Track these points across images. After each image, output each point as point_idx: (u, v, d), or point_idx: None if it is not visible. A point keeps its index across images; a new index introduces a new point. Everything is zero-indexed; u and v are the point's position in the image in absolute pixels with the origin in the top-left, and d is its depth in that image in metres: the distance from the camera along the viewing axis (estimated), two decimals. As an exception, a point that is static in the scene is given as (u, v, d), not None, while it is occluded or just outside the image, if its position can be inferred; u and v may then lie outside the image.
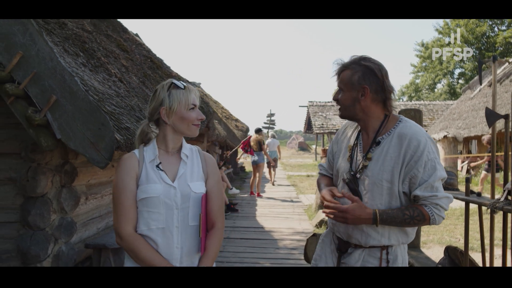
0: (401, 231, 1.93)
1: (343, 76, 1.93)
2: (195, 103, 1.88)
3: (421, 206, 1.84)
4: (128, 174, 1.80)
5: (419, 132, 1.88)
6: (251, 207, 9.23)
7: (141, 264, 1.77)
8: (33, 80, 2.83)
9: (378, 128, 1.95)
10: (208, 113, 6.96)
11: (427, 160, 1.82)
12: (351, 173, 1.96)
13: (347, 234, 1.96)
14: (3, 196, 3.65)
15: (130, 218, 1.77)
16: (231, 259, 5.22)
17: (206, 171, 1.94)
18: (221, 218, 1.95)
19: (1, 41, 2.82)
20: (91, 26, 5.09)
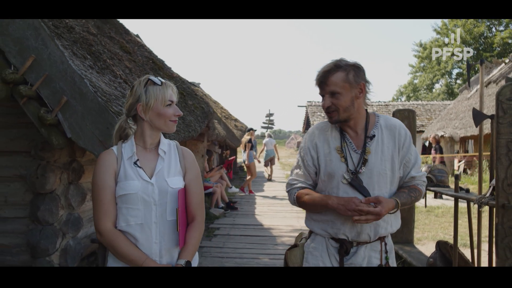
0: (396, 217, 2.06)
1: (337, 79, 1.93)
2: (172, 99, 1.87)
3: (416, 186, 2.06)
4: (106, 172, 1.82)
5: (401, 123, 2.10)
6: (250, 205, 9.40)
7: (121, 259, 1.79)
8: (45, 82, 3.00)
9: (365, 123, 2.04)
10: (208, 113, 7.12)
11: (413, 146, 2.08)
12: (351, 172, 1.97)
13: (355, 232, 1.97)
14: (13, 193, 3.82)
15: (109, 215, 1.79)
16: (231, 254, 5.39)
17: (184, 166, 1.94)
18: (201, 211, 1.95)
19: (14, 45, 2.99)
20: (95, 29, 5.25)
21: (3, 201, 3.82)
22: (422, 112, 24.53)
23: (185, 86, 7.17)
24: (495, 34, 35.25)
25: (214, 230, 6.75)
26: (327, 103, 1.97)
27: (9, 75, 2.95)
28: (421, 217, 8.20)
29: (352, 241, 1.98)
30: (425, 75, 40.61)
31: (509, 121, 2.84)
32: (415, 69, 42.50)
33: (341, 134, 2.05)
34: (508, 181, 2.85)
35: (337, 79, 1.93)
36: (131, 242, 1.79)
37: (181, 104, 6.15)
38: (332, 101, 1.96)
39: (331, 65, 1.96)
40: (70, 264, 3.87)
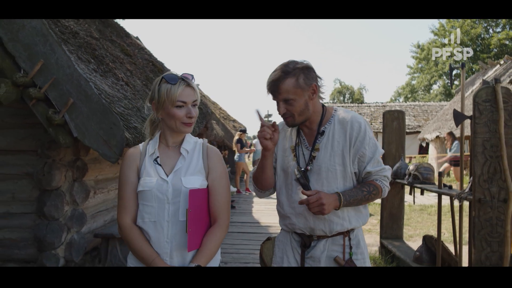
0: (357, 212, 2.04)
1: (288, 85, 1.91)
2: (183, 100, 1.79)
3: (372, 181, 2.00)
4: (129, 167, 1.84)
5: (357, 115, 2.05)
6: (248, 204, 9.63)
7: (134, 254, 1.81)
8: (53, 85, 3.21)
9: (319, 120, 2.04)
10: (206, 114, 7.34)
11: (369, 139, 2.00)
12: (300, 170, 2.01)
13: (309, 228, 2.01)
14: (21, 190, 4.02)
15: (128, 210, 1.81)
16: (229, 250, 5.60)
17: (207, 165, 1.88)
18: (225, 214, 1.87)
19: (24, 51, 3.20)
20: (98, 33, 5.46)
21: (11, 197, 4.03)
22: (419, 113, 24.75)
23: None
24: (492, 35, 35.53)
25: (212, 228, 6.96)
26: (282, 110, 1.97)
27: (20, 78, 3.15)
28: (414, 215, 8.43)
29: (310, 235, 2.02)
30: (423, 76, 40.91)
31: (485, 121, 3.06)
32: (413, 70, 42.81)
33: (298, 132, 2.10)
34: (484, 177, 3.06)
35: (288, 86, 1.91)
36: (145, 239, 1.78)
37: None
38: (286, 108, 1.96)
39: (279, 72, 1.93)
40: (74, 257, 4.07)
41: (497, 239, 3.04)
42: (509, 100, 3.05)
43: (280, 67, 1.95)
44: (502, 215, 3.03)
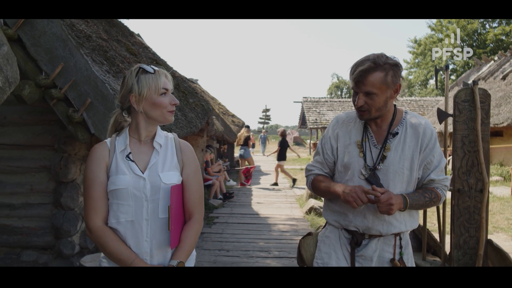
0: (411, 217, 2.01)
1: (375, 79, 1.84)
2: (166, 87, 1.76)
3: (434, 188, 1.98)
4: (98, 165, 1.72)
5: (429, 122, 2.02)
6: (247, 196, 9.96)
7: (109, 257, 1.71)
8: (72, 86, 3.52)
9: (391, 119, 1.99)
10: (207, 110, 7.64)
11: (437, 148, 1.98)
12: (369, 168, 1.96)
13: (365, 226, 1.97)
14: (38, 182, 4.34)
15: (99, 211, 1.70)
16: (230, 239, 5.93)
17: (181, 160, 1.83)
18: (200, 209, 1.84)
19: (46, 55, 3.50)
20: (105, 33, 5.75)
21: (29, 189, 4.34)
22: (415, 108, 25.12)
23: (186, 85, 7.68)
24: (488, 30, 35.78)
25: (213, 219, 7.29)
26: (361, 102, 1.90)
27: (42, 80, 3.46)
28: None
29: (363, 233, 1.98)
30: (420, 71, 41.19)
31: (464, 119, 3.39)
32: (409, 65, 43.08)
33: (364, 127, 2.02)
34: (462, 170, 3.40)
35: (375, 80, 1.85)
36: (120, 240, 1.70)
37: (183, 102, 6.67)
38: (366, 101, 1.89)
39: (370, 63, 1.85)
40: (89, 244, 4.40)
41: (474, 225, 3.38)
42: (485, 100, 3.38)
43: (371, 58, 1.87)
44: (478, 204, 3.36)
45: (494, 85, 15.90)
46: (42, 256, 4.32)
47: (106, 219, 1.72)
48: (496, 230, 6.76)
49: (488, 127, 3.39)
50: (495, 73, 16.84)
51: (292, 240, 5.94)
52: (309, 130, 28.44)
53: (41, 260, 4.31)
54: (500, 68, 16.90)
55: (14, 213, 4.33)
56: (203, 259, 4.98)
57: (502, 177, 12.83)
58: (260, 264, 4.83)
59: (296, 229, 6.59)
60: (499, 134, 14.59)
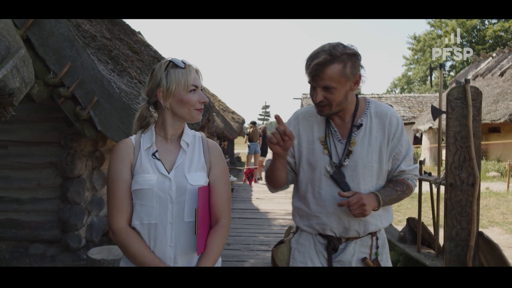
0: (386, 211, 1.90)
1: (333, 72, 1.70)
2: (196, 84, 1.66)
3: (404, 179, 1.88)
4: (122, 162, 1.64)
5: (393, 110, 1.90)
6: (248, 192, 10.12)
7: (131, 260, 1.61)
8: (79, 85, 3.65)
9: (354, 110, 1.86)
10: (208, 108, 7.78)
11: (404, 136, 1.87)
12: (334, 165, 1.82)
13: (342, 228, 1.83)
14: (45, 177, 4.48)
15: (123, 211, 1.61)
16: (231, 233, 6.08)
17: (209, 161, 1.73)
18: (227, 213, 1.73)
19: (53, 55, 3.63)
20: (108, 32, 5.88)
21: (36, 185, 4.49)
22: (414, 104, 25.21)
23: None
24: (488, 27, 35.89)
25: (214, 214, 7.44)
26: (319, 97, 1.76)
27: (50, 79, 3.59)
28: (404, 202, 8.93)
29: (340, 237, 1.85)
30: (419, 68, 41.33)
31: (456, 116, 3.52)
32: (409, 61, 43.22)
33: (327, 122, 1.89)
34: (455, 165, 3.54)
35: (333, 73, 1.70)
36: (144, 244, 1.60)
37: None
38: (325, 96, 1.76)
39: (326, 55, 1.70)
40: (94, 237, 4.55)
41: (466, 218, 3.52)
42: (477, 97, 3.51)
43: (326, 49, 1.72)
44: (470, 197, 3.50)
45: (492, 82, 16.02)
46: (49, 249, 4.47)
47: (130, 220, 1.62)
48: (491, 225, 6.91)
49: (479, 124, 3.52)
50: (493, 69, 16.96)
51: (291, 234, 6.10)
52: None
53: (48, 253, 4.46)
54: (498, 64, 17.02)
55: (22, 208, 4.48)
56: (205, 252, 5.12)
57: (499, 172, 13.00)
58: (261, 257, 4.98)
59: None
60: (496, 130, 14.74)
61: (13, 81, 2.00)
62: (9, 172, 4.48)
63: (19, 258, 4.39)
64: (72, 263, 4.30)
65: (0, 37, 1.97)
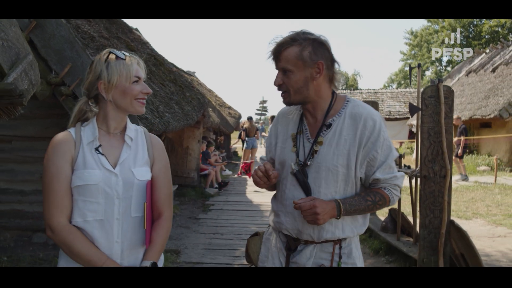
0: (354, 221, 1.78)
1: (289, 54, 1.67)
2: (139, 75, 1.63)
3: (380, 189, 1.74)
4: (62, 157, 1.58)
5: (373, 111, 1.76)
6: (242, 186, 10.42)
7: (76, 260, 1.55)
8: (79, 84, 3.90)
9: (327, 109, 1.77)
10: (203, 103, 8.04)
11: (383, 140, 1.72)
12: (299, 164, 1.76)
13: (296, 230, 1.77)
14: (47, 170, 4.74)
15: (63, 208, 1.54)
16: (224, 224, 6.37)
17: (152, 155, 1.71)
18: (169, 206, 1.73)
19: (55, 55, 3.89)
20: (106, 31, 6.12)
21: (39, 177, 4.76)
22: (409, 99, 25.47)
23: (183, 79, 8.07)
24: (484, 22, 36.10)
25: (209, 206, 7.72)
26: (278, 80, 1.73)
27: (52, 78, 3.86)
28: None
29: (296, 238, 1.79)
30: (416, 63, 41.56)
31: (430, 113, 3.79)
32: (406, 56, 43.45)
33: (300, 120, 1.84)
34: (428, 158, 3.81)
35: (289, 55, 1.68)
36: (88, 240, 1.55)
37: (180, 96, 7.07)
38: (283, 79, 1.72)
39: (288, 37, 1.70)
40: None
41: (438, 208, 3.80)
42: (449, 96, 3.78)
43: (290, 33, 1.72)
44: (442, 188, 3.78)
45: (484, 77, 16.31)
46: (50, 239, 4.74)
47: (70, 217, 1.56)
48: (475, 216, 7.21)
49: (451, 120, 3.80)
50: (486, 65, 17.24)
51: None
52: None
53: (50, 241, 4.73)
54: (491, 60, 17.31)
55: (25, 199, 4.76)
56: (199, 241, 5.41)
57: (489, 167, 13.30)
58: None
59: (286, 215, 7.03)
60: (487, 126, 15.03)
61: (22, 84, 2.27)
62: (13, 166, 4.75)
63: (23, 246, 4.67)
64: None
65: (10, 45, 2.23)
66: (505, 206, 7.95)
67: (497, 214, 7.27)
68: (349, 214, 1.71)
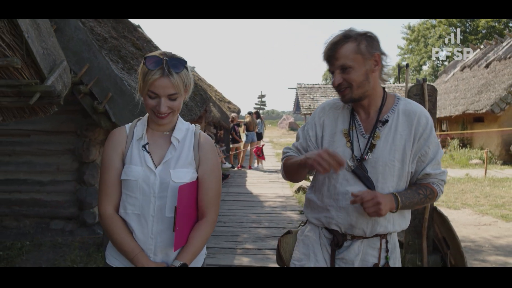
0: (401, 215, 1.81)
1: (347, 50, 1.68)
2: (155, 92, 1.56)
3: (429, 184, 1.78)
4: (114, 151, 1.65)
5: (424, 109, 1.82)
6: (242, 178, 10.83)
7: (115, 246, 1.65)
8: (96, 83, 4.28)
9: (380, 105, 1.79)
10: (206, 99, 8.41)
11: (434, 137, 1.77)
12: (356, 159, 1.75)
13: (349, 225, 1.76)
14: (63, 162, 5.13)
15: (111, 197, 1.63)
16: (226, 213, 6.75)
17: (198, 156, 1.69)
18: (214, 209, 1.71)
19: (73, 57, 4.25)
20: (114, 31, 6.47)
21: (56, 169, 5.14)
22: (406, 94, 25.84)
23: (186, 76, 8.42)
24: (480, 17, 36.41)
25: (211, 197, 8.12)
26: (338, 79, 1.71)
27: (72, 78, 4.22)
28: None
29: (345, 233, 1.79)
30: (413, 57, 41.86)
31: (415, 110, 4.18)
32: (403, 51, 43.74)
33: (351, 115, 1.83)
34: (413, 151, 4.20)
35: (347, 51, 1.68)
36: (128, 231, 1.62)
37: (184, 92, 7.42)
38: (343, 77, 1.70)
39: (340, 36, 1.70)
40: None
41: (423, 195, 4.20)
42: (432, 94, 4.17)
43: (341, 32, 1.73)
44: (426, 178, 4.18)
45: (478, 73, 16.69)
46: (68, 225, 5.13)
47: (117, 207, 1.66)
48: (464, 206, 7.62)
49: (435, 116, 4.17)
50: (479, 61, 17.61)
51: (281, 214, 6.79)
52: (303, 115, 29.16)
53: (67, 228, 5.13)
54: (485, 56, 17.67)
55: (43, 189, 5.14)
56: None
57: (481, 160, 13.72)
58: (252, 232, 5.66)
59: (285, 205, 7.44)
60: (480, 120, 15.45)
61: (57, 86, 2.65)
62: (31, 158, 5.12)
63: (42, 232, 5.05)
64: (88, 236, 4.97)
65: (49, 52, 2.60)
66: (493, 197, 8.36)
67: (484, 205, 7.68)
68: (405, 208, 1.74)
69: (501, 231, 5.95)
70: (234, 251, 4.84)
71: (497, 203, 7.74)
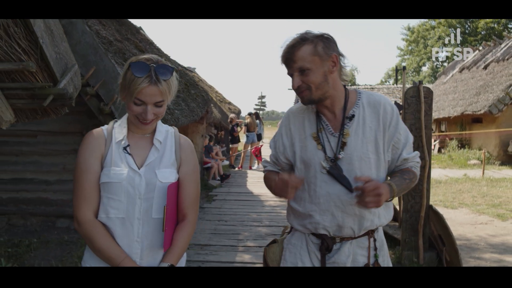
0: (386, 207, 1.81)
1: (304, 53, 1.69)
2: (142, 99, 1.55)
3: (408, 168, 1.81)
4: (92, 154, 1.60)
5: (387, 98, 1.85)
6: (243, 178, 10.96)
7: (97, 254, 1.59)
8: (102, 85, 4.42)
9: (344, 102, 1.80)
10: (207, 100, 8.54)
11: (401, 123, 1.81)
12: (330, 160, 1.75)
13: (336, 226, 1.76)
14: (69, 162, 5.26)
15: (90, 202, 1.58)
16: (227, 212, 6.89)
17: (179, 157, 1.70)
18: (194, 210, 1.72)
19: (80, 60, 4.38)
20: (117, 34, 6.60)
21: (62, 168, 5.28)
22: (405, 95, 25.98)
23: (188, 77, 8.56)
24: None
25: (212, 197, 8.25)
26: (297, 82, 1.72)
27: (79, 80, 4.36)
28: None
29: (334, 236, 1.77)
30: (412, 58, 42.04)
31: (411, 111, 4.31)
32: (403, 52, 43.91)
33: (317, 117, 1.83)
34: (410, 151, 4.33)
35: (305, 53, 1.69)
36: (111, 237, 1.58)
37: (186, 93, 7.57)
38: (302, 79, 1.72)
39: (297, 38, 1.72)
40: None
41: (419, 194, 4.33)
42: (428, 96, 4.30)
43: (297, 35, 1.75)
44: (422, 177, 4.31)
45: (476, 74, 16.81)
46: (73, 223, 5.25)
47: (96, 212, 1.60)
48: (461, 206, 7.74)
49: (430, 118, 4.32)
50: (478, 62, 17.73)
51: (280, 213, 6.91)
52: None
53: (72, 226, 5.24)
54: (483, 57, 17.79)
55: (50, 188, 5.27)
56: (205, 227, 5.93)
57: (480, 160, 13.84)
58: (253, 231, 5.79)
59: (284, 205, 7.51)
60: (478, 121, 15.57)
61: (69, 88, 2.78)
62: (38, 158, 5.26)
63: (49, 230, 5.19)
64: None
65: (61, 57, 2.73)
66: (490, 197, 8.49)
67: (481, 204, 7.80)
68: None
69: (497, 229, 6.08)
70: (235, 248, 4.96)
71: (494, 203, 7.86)
